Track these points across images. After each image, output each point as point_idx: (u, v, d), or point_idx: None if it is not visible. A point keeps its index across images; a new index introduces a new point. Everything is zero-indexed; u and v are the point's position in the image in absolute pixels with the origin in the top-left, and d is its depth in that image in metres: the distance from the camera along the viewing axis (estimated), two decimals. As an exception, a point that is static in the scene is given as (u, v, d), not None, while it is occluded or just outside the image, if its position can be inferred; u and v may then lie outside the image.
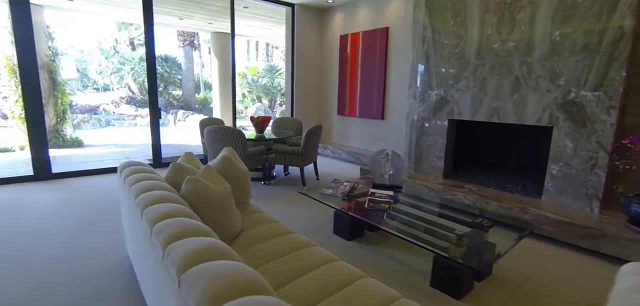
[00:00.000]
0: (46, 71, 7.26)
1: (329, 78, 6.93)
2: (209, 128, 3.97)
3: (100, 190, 4.12)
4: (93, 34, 23.60)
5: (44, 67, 7.22)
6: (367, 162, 5.75)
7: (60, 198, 3.80)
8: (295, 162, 4.35)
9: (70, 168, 5.11)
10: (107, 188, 4.18)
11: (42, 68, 7.17)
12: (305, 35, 6.72)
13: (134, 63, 15.61)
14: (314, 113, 7.16)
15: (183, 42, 15.26)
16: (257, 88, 17.03)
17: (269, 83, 17.28)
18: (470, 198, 3.55)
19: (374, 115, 6.09)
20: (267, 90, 17.02)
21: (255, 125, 4.61)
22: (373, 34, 5.91)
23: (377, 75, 5.92)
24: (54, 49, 7.66)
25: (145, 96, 16.44)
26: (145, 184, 1.79)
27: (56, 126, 7.44)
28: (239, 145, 3.90)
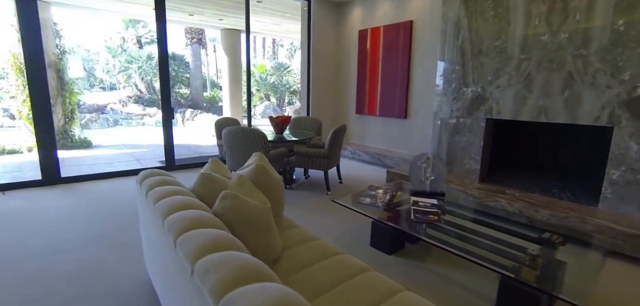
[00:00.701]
0: (54, 70, 7.05)
1: (347, 75, 6.62)
2: (227, 129, 3.69)
3: (112, 196, 3.87)
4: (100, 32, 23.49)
5: (52, 66, 7.01)
6: (391, 164, 5.44)
7: (70, 205, 3.55)
8: (319, 165, 4.06)
9: (80, 171, 4.88)
10: (119, 194, 3.93)
11: (49, 67, 6.96)
12: (321, 30, 6.41)
13: (141, 61, 15.43)
14: (330, 112, 6.86)
15: (191, 40, 15.03)
16: (266, 87, 16.77)
17: (278, 82, 17.00)
18: (516, 205, 3.23)
19: (396, 114, 5.77)
20: (275, 89, 16.75)
21: (275, 126, 4.32)
22: (395, 28, 5.59)
23: (400, 71, 5.60)
24: (61, 47, 7.44)
25: (153, 95, 16.26)
26: (172, 202, 1.51)
27: (64, 126, 7.23)
28: (261, 148, 3.61)
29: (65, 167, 5.37)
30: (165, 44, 4.73)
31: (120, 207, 3.52)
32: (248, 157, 3.62)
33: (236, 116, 10.04)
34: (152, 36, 17.10)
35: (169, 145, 4.96)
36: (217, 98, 16.58)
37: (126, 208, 3.48)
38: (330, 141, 3.99)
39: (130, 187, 4.23)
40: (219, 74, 28.08)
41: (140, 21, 15.57)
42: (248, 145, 3.63)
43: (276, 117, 4.45)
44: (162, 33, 4.67)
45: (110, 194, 3.92)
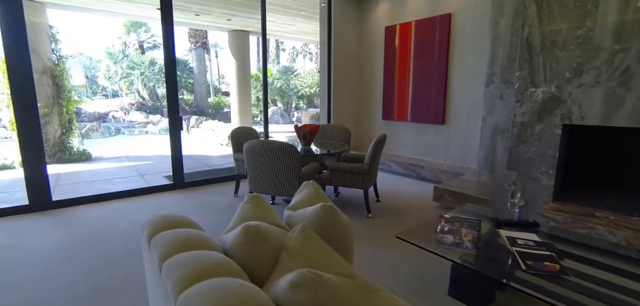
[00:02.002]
0: (50, 77, 6.45)
1: (371, 77, 5.98)
2: (250, 144, 3.05)
3: (112, 226, 3.22)
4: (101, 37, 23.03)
5: (48, 72, 6.42)
6: (429, 176, 4.77)
7: (61, 241, 2.91)
8: (358, 182, 3.40)
9: (75, 192, 4.24)
10: (120, 225, 3.28)
11: (45, 73, 6.39)
12: (342, 28, 5.79)
13: (144, 67, 14.89)
14: (353, 118, 6.21)
15: (195, 44, 14.48)
16: (272, 91, 16.18)
17: (284, 85, 16.41)
18: (619, 234, 2.56)
19: (431, 119, 5.12)
20: (282, 93, 16.15)
21: (303, 137, 3.68)
22: (430, 23, 4.95)
23: (436, 71, 4.95)
24: (58, 52, 6.85)
25: (156, 102, 15.70)
26: (207, 291, 0.85)
27: (61, 138, 6.62)
28: (292, 166, 2.97)
29: (59, 185, 4.75)
30: (172, 46, 4.12)
31: (122, 243, 2.87)
32: (276, 176, 2.98)
33: (245, 123, 9.42)
34: (155, 41, 16.60)
35: (177, 158, 4.32)
36: (223, 104, 16.00)
37: (129, 245, 2.83)
38: (372, 154, 3.33)
39: (134, 212, 3.59)
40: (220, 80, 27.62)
41: (143, 25, 15.06)
42: (276, 163, 2.99)
43: (302, 126, 3.80)
44: (168, 35, 4.06)
45: (110, 224, 3.27)
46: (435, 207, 3.77)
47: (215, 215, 3.50)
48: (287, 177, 3.01)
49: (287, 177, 3.01)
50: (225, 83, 28.68)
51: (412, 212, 3.61)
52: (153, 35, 15.29)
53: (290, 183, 3.03)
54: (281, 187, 3.08)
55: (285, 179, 3.02)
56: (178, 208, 3.68)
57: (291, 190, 3.05)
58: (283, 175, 3.01)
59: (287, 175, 3.00)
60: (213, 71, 23.80)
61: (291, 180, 3.02)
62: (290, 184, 3.03)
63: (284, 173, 3.00)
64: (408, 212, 3.63)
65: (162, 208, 3.69)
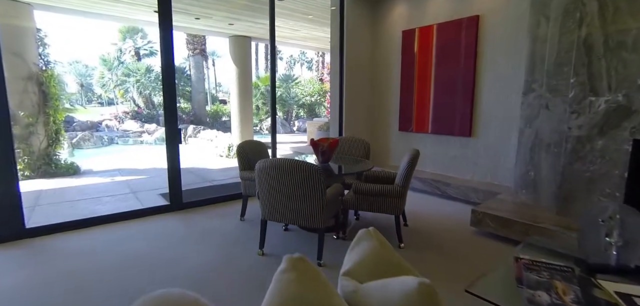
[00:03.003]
0: (35, 83, 5.92)
1: (386, 85, 5.52)
2: (263, 164, 2.54)
3: (94, 264, 2.68)
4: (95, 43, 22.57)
5: (33, 79, 5.89)
6: (457, 194, 4.27)
7: (29, 286, 2.36)
8: (388, 207, 2.90)
9: (56, 215, 3.70)
10: (105, 263, 2.73)
11: (30, 79, 5.86)
12: (355, 33, 5.34)
13: (139, 74, 14.36)
14: (366, 129, 5.73)
15: (193, 51, 14.00)
16: (273, 100, 15.71)
17: (285, 94, 15.96)
18: None
19: (456, 131, 4.65)
20: (283, 102, 15.68)
21: (322, 153, 3.17)
22: (455, 26, 4.51)
23: (462, 78, 4.50)
24: (46, 56, 6.33)
25: (152, 111, 15.15)
26: None
27: (47, 150, 6.06)
28: (315, 189, 2.46)
29: (39, 205, 4.19)
30: (171, 52, 3.64)
31: (106, 290, 2.32)
32: (295, 202, 2.47)
33: (246, 133, 8.92)
34: (152, 47, 16.12)
35: (175, 176, 3.79)
36: (221, 112, 15.49)
37: (114, 291, 2.29)
38: (405, 173, 2.84)
39: (123, 242, 3.05)
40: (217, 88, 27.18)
41: (139, 31, 14.59)
42: (296, 187, 2.48)
43: (320, 140, 3.30)
44: (167, 39, 3.58)
45: (93, 260, 2.73)
46: (474, 233, 3.28)
47: (220, 245, 2.97)
48: (309, 203, 2.50)
49: (309, 202, 2.50)
50: (222, 92, 28.24)
51: (450, 241, 3.11)
52: (150, 41, 14.81)
53: (313, 210, 2.52)
54: (301, 215, 2.57)
55: (306, 205, 2.52)
56: (177, 237, 3.14)
57: (314, 218, 2.54)
58: (304, 201, 2.51)
59: (309, 200, 2.49)
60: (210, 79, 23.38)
61: (314, 207, 2.51)
62: (313, 211, 2.52)
63: (305, 199, 2.50)
64: (445, 240, 3.13)
65: (157, 237, 3.15)
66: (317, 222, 2.56)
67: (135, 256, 2.73)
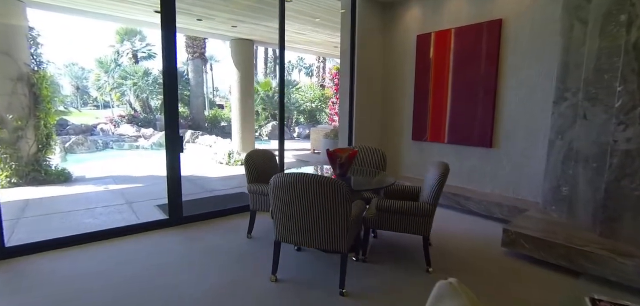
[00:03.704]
0: (26, 85, 5.57)
1: (399, 92, 5.25)
2: (279, 180, 2.24)
3: (82, 294, 2.34)
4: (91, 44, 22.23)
5: (24, 80, 5.54)
6: (479, 209, 3.97)
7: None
8: (415, 226, 2.60)
9: (42, 230, 3.35)
10: (94, 292, 2.40)
11: (20, 80, 5.51)
12: (365, 38, 5.07)
13: (136, 77, 14.01)
14: (376, 138, 5.45)
15: (193, 54, 13.70)
16: (272, 105, 15.41)
17: (285, 99, 15.67)
18: None
19: (475, 141, 4.38)
20: (283, 108, 15.38)
21: (340, 165, 2.87)
22: (475, 31, 4.26)
23: (483, 85, 4.24)
24: (38, 56, 5.99)
25: (149, 114, 14.79)
26: None
27: (36, 155, 5.70)
28: (339, 209, 2.15)
29: (24, 217, 3.82)
30: (173, 54, 3.34)
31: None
32: (315, 223, 2.17)
33: (247, 139, 8.61)
34: (150, 50, 15.81)
35: (175, 187, 3.46)
36: (220, 117, 15.16)
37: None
38: (436, 188, 2.54)
39: (117, 265, 2.71)
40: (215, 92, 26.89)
41: (138, 33, 14.27)
42: (317, 206, 2.17)
43: (336, 150, 3.00)
44: (169, 41, 3.28)
45: (81, 287, 2.39)
46: (505, 254, 2.98)
47: (227, 267, 2.65)
48: (333, 223, 2.20)
49: (333, 223, 2.19)
50: (219, 96, 27.95)
51: (482, 265, 2.81)
52: (148, 44, 14.49)
53: (336, 231, 2.22)
54: (322, 236, 2.26)
55: (329, 226, 2.21)
56: (177, 258, 2.81)
57: (336, 240, 2.23)
58: (327, 221, 2.20)
59: (332, 220, 2.19)
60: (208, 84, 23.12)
61: (338, 227, 2.20)
62: (336, 232, 2.22)
63: (328, 218, 2.19)
64: (476, 263, 2.83)
65: (154, 257, 2.82)
66: (339, 244, 2.25)
67: (130, 280, 2.40)
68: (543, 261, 2.75)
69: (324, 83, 19.00)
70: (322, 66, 19.93)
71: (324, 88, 17.40)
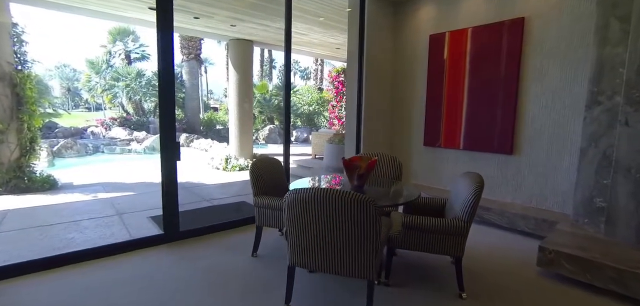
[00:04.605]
0: (8, 85, 5.16)
1: (410, 95, 4.96)
2: (297, 197, 1.91)
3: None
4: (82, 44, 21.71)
5: (5, 79, 5.13)
6: (501, 221, 3.68)
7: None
8: (447, 246, 2.29)
9: (19, 248, 2.96)
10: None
11: (2, 80, 5.10)
12: (374, 38, 4.78)
13: (129, 79, 13.55)
14: (384, 143, 5.15)
15: (188, 56, 13.30)
16: (270, 109, 15.07)
17: (282, 103, 15.34)
18: None
19: (493, 147, 4.10)
20: (280, 111, 15.03)
21: (359, 177, 2.55)
22: (495, 30, 4.00)
23: (503, 89, 3.97)
24: (22, 55, 5.58)
25: (142, 117, 14.33)
26: None
27: (19, 161, 5.27)
28: (368, 230, 1.83)
29: (1, 230, 3.41)
30: (170, 53, 3.00)
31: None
32: (338, 246, 1.86)
33: (246, 144, 8.25)
34: (144, 51, 15.37)
35: (171, 198, 3.10)
36: (215, 121, 14.76)
37: None
38: (471, 205, 2.23)
39: (103, 293, 2.35)
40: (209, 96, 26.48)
41: (131, 33, 13.83)
42: (346, 227, 1.84)
43: (352, 159, 2.68)
44: (165, 40, 2.94)
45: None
46: (541, 275, 2.68)
47: (232, 294, 2.30)
48: (359, 247, 1.88)
49: (359, 246, 1.88)
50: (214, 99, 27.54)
51: (517, 287, 2.51)
52: (142, 44, 14.05)
53: (363, 255, 1.90)
54: (346, 261, 1.93)
55: (354, 250, 1.89)
56: (174, 283, 2.45)
57: (363, 265, 1.91)
58: (351, 244, 1.88)
59: (359, 242, 1.87)
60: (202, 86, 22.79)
61: (365, 251, 1.88)
62: (363, 256, 1.90)
63: (353, 241, 1.87)
64: (511, 286, 2.52)
65: (148, 282, 2.46)
66: (366, 270, 1.93)
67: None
68: (588, 284, 2.45)
69: (321, 86, 18.72)
70: (319, 69, 19.66)
71: (322, 91, 17.11)
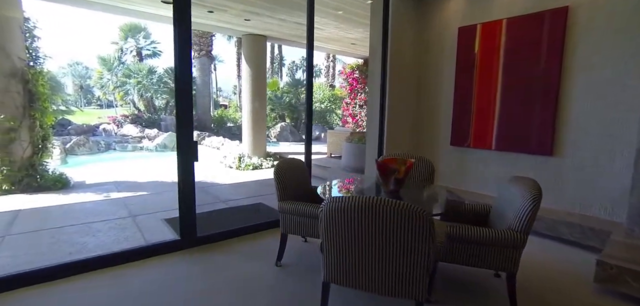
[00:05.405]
0: (20, 81, 5.04)
1: (435, 92, 4.68)
2: (339, 206, 1.67)
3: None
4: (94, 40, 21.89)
5: (17, 76, 5.01)
6: (549, 231, 3.37)
7: None
8: (499, 261, 2.04)
9: (28, 253, 2.79)
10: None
11: (14, 76, 4.98)
12: (397, 32, 4.49)
13: (141, 76, 13.48)
14: (408, 142, 4.87)
15: (199, 52, 13.17)
16: (281, 106, 14.86)
17: (294, 100, 15.12)
18: None
19: (531, 147, 3.80)
20: (292, 108, 14.82)
21: (397, 181, 2.30)
22: (533, 21, 3.69)
23: (542, 85, 3.66)
24: (34, 51, 5.46)
25: (154, 114, 14.28)
26: None
27: (31, 159, 5.16)
28: (419, 245, 1.58)
29: (10, 235, 3.23)
30: (188, 48, 2.80)
31: None
32: (383, 262, 1.62)
33: (259, 142, 8.05)
34: (155, 48, 15.31)
35: (188, 202, 2.90)
36: (226, 118, 14.61)
37: None
38: (531, 212, 1.96)
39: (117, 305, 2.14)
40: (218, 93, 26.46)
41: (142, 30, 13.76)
42: (394, 240, 1.60)
43: (386, 161, 2.43)
44: (183, 34, 2.73)
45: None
46: (600, 292, 2.40)
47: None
48: (408, 263, 1.63)
49: (408, 262, 1.63)
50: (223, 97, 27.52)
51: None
52: (153, 41, 13.97)
53: (413, 272, 1.65)
54: (392, 280, 1.70)
55: (402, 266, 1.65)
56: (195, 297, 2.24)
57: (411, 283, 1.67)
58: (399, 259, 1.64)
59: (408, 259, 1.63)
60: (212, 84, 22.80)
61: (415, 267, 1.64)
62: (412, 273, 1.66)
63: (402, 257, 1.63)
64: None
65: (166, 296, 2.26)
66: (415, 289, 1.68)
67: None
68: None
69: (333, 83, 18.44)
70: (331, 65, 19.37)
71: (334, 89, 16.83)
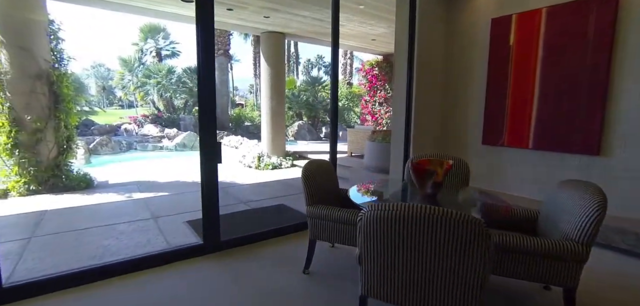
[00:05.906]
0: (45, 83, 5.10)
1: (465, 87, 4.42)
2: (381, 214, 1.51)
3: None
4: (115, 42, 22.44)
5: (43, 77, 5.07)
6: (604, 238, 3.09)
7: None
8: (555, 274, 1.82)
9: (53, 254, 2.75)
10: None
11: (39, 78, 5.04)
12: (426, 24, 4.26)
13: (160, 76, 13.67)
14: (435, 141, 4.64)
15: (217, 51, 13.22)
16: (298, 105, 14.76)
17: (312, 98, 14.98)
18: None
19: (575, 147, 3.51)
20: (310, 107, 14.68)
21: (435, 185, 2.11)
22: (577, 9, 3.39)
23: (588, 79, 3.37)
24: (58, 52, 5.52)
25: (173, 114, 14.47)
26: None
27: (57, 160, 5.22)
28: (477, 255, 1.40)
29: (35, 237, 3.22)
30: (211, 44, 2.73)
31: None
32: (431, 277, 1.43)
33: (278, 141, 7.96)
34: (174, 48, 15.52)
35: (212, 206, 2.81)
36: (244, 117, 14.65)
37: None
38: (595, 222, 1.74)
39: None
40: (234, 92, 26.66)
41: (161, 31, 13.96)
42: (445, 254, 1.42)
43: (421, 162, 2.24)
44: (206, 31, 2.63)
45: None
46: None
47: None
48: (460, 278, 1.45)
49: (460, 277, 1.45)
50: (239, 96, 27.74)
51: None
52: (172, 41, 14.16)
53: (464, 287, 1.47)
54: (441, 296, 1.51)
55: (450, 282, 1.47)
56: (218, 304, 2.13)
57: (461, 299, 1.48)
58: (448, 275, 1.46)
59: (458, 275, 1.44)
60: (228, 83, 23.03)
61: (468, 281, 1.46)
62: (464, 288, 1.48)
63: (452, 272, 1.45)
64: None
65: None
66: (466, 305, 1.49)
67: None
68: None
69: (350, 80, 18.19)
70: (348, 62, 19.11)
71: (351, 86, 16.60)
